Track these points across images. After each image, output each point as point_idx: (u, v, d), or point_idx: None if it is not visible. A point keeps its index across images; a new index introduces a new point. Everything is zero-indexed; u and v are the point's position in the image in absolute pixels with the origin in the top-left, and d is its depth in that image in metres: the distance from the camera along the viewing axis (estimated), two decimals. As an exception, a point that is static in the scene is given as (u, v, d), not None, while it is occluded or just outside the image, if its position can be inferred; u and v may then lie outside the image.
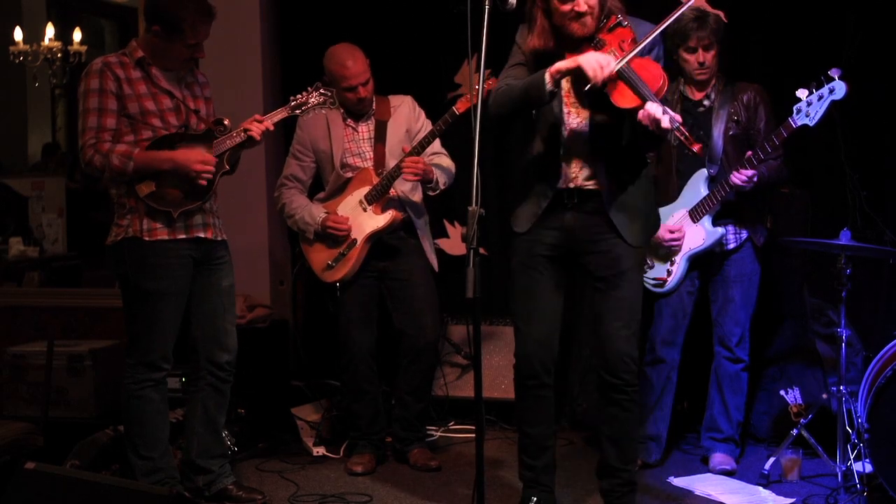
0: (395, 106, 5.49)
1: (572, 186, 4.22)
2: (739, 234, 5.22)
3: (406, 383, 5.53)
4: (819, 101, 4.74)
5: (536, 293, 4.32)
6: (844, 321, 4.92)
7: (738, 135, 5.15)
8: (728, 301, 5.25)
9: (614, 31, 4.08)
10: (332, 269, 5.41)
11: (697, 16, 5.15)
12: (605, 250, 4.25)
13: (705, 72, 5.17)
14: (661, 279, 5.26)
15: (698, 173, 5.16)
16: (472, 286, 3.45)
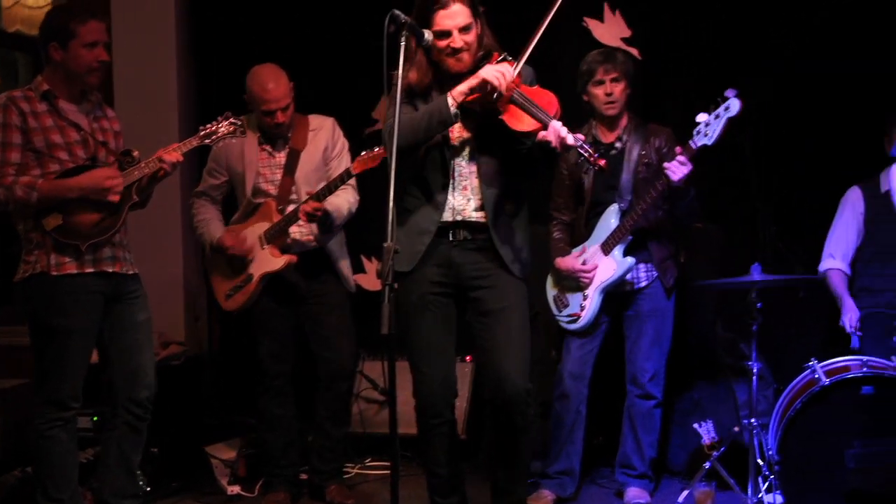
0: (313, 129, 5.44)
1: (459, 219, 4.22)
2: (650, 273, 5.27)
3: (325, 409, 5.48)
4: (716, 121, 4.82)
5: (431, 334, 4.30)
6: (755, 354, 4.99)
7: (649, 178, 5.20)
8: (640, 337, 5.29)
9: (500, 65, 4.12)
10: (231, 297, 5.39)
11: (604, 51, 5.22)
12: (492, 285, 4.24)
13: (613, 105, 5.22)
14: (574, 315, 5.28)
15: (609, 208, 5.22)
16: (386, 323, 3.45)
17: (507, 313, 4.25)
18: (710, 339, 5.84)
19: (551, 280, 5.43)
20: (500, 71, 3.98)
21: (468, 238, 4.24)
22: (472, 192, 4.21)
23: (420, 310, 4.28)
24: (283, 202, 5.36)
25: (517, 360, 4.25)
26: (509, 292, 4.25)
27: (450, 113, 4.02)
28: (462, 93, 4.02)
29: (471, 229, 4.23)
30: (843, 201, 5.57)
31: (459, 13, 4.05)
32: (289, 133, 5.39)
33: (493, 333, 4.27)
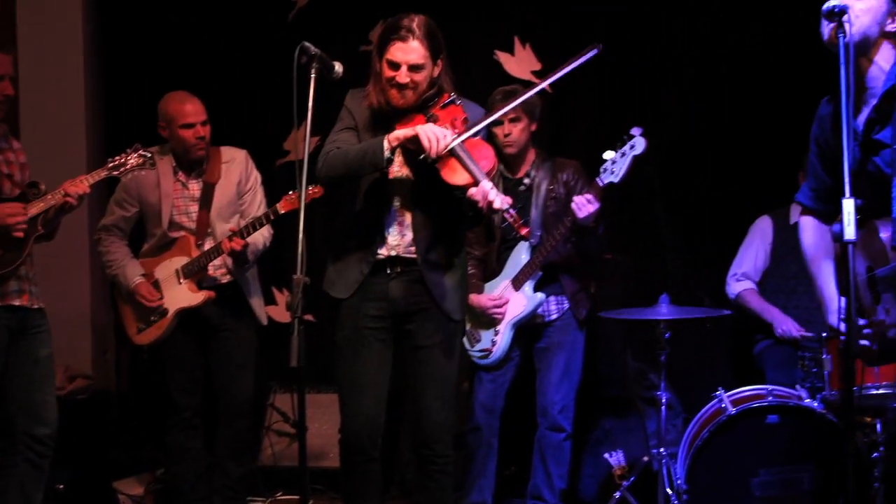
0: (226, 161, 5.40)
1: (394, 255, 4.21)
2: (561, 305, 5.31)
3: (225, 447, 5.40)
4: (622, 158, 4.87)
5: (362, 367, 4.25)
6: (664, 384, 5.05)
7: (558, 212, 5.24)
8: (550, 370, 5.31)
9: (447, 108, 4.12)
10: (143, 332, 5.31)
11: (505, 90, 5.26)
12: (424, 321, 4.23)
13: (511, 144, 5.25)
14: (486, 350, 5.29)
15: (520, 244, 5.25)
16: (295, 355, 3.44)
17: (434, 350, 4.22)
18: (620, 369, 5.89)
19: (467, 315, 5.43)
20: (437, 135, 3.94)
21: (404, 272, 4.22)
22: (408, 229, 4.20)
23: (353, 343, 4.24)
24: (202, 236, 5.31)
25: (439, 398, 4.23)
26: (440, 328, 4.23)
27: (382, 157, 3.99)
28: (397, 139, 4.00)
29: (406, 265, 4.21)
30: (752, 229, 5.68)
31: (414, 51, 4.02)
32: (203, 164, 5.35)
33: (418, 369, 4.25)
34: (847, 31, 3.14)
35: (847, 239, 2.93)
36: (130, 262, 5.37)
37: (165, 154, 5.31)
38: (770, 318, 5.47)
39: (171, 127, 5.22)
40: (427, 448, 4.26)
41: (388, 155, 4.01)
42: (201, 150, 5.29)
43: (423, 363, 4.24)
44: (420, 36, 4.02)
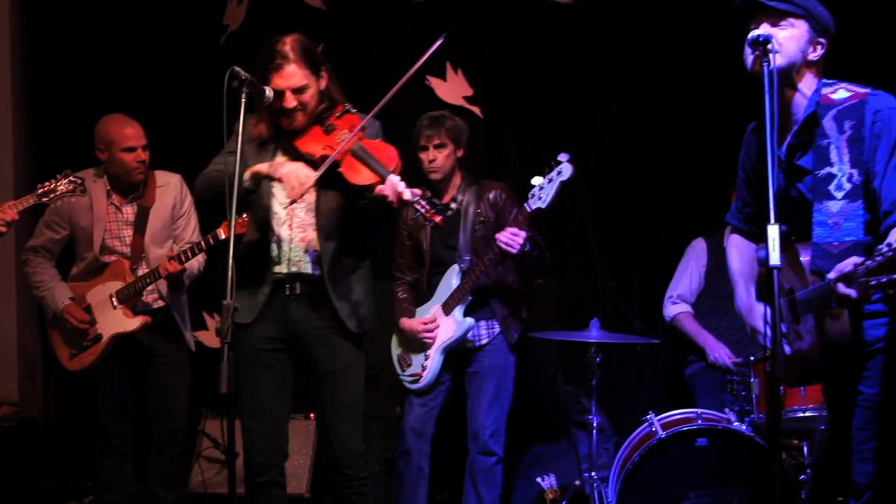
0: (160, 185, 5.35)
1: (294, 271, 4.16)
2: (492, 330, 5.31)
3: (156, 473, 5.33)
4: (549, 184, 4.89)
5: (261, 390, 4.19)
6: (595, 408, 5.08)
7: (486, 235, 5.24)
8: (481, 395, 5.29)
9: (343, 118, 4.13)
10: (76, 357, 5.23)
11: (431, 116, 5.28)
12: (327, 345, 4.19)
13: (436, 170, 5.25)
14: (417, 375, 5.28)
15: (450, 269, 5.25)
16: (225, 382, 3.41)
17: (340, 375, 4.20)
18: (552, 393, 5.91)
19: (396, 339, 5.43)
20: (300, 179, 3.93)
21: (305, 292, 4.18)
22: (310, 244, 4.16)
23: (252, 365, 4.16)
24: (136, 261, 5.25)
25: (349, 423, 4.21)
26: (344, 352, 4.20)
27: (243, 185, 3.95)
28: (259, 173, 4.01)
29: (307, 282, 4.17)
30: (687, 251, 5.74)
31: (294, 74, 4.02)
32: (139, 188, 5.30)
33: (326, 395, 4.21)
34: (771, 59, 3.19)
35: (772, 264, 2.98)
36: (59, 285, 5.29)
37: (100, 177, 5.26)
38: (703, 344, 5.53)
39: (111, 150, 5.16)
40: (340, 473, 4.22)
41: (248, 185, 4.00)
42: (141, 174, 5.25)
43: (329, 389, 4.20)
44: (295, 58, 4.01)
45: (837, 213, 3.25)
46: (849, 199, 3.25)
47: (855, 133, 3.28)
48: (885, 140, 3.25)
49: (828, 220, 3.25)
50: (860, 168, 3.26)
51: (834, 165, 3.28)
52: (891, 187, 3.23)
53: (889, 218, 3.22)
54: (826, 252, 3.23)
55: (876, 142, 3.26)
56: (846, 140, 3.28)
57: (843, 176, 3.27)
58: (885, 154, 3.25)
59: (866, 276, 2.95)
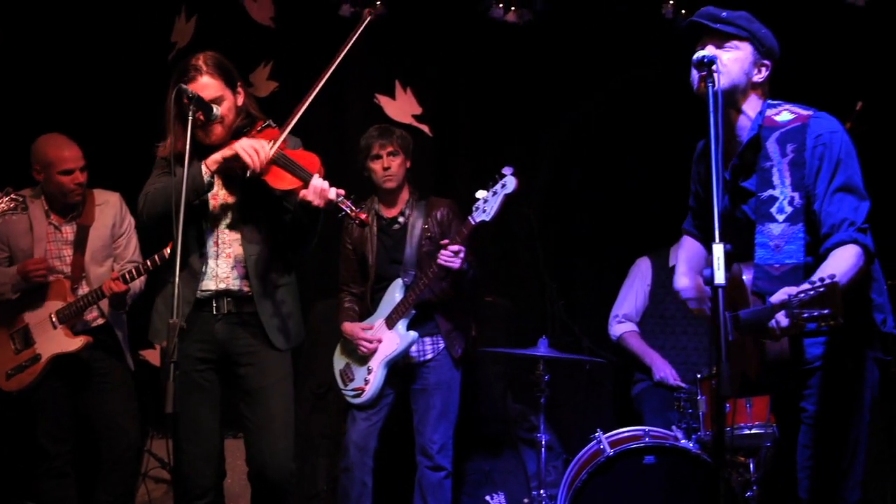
0: (99, 204, 5.30)
1: (222, 288, 4.12)
2: (437, 345, 5.31)
3: (106, 493, 5.26)
4: (494, 197, 4.90)
5: (194, 411, 4.13)
6: (544, 426, 5.09)
7: (432, 251, 5.24)
8: (428, 410, 5.28)
9: (264, 132, 4.11)
10: (13, 377, 5.15)
11: (381, 126, 5.30)
12: (256, 362, 4.15)
13: (391, 178, 5.26)
14: (359, 389, 5.24)
15: (394, 283, 5.24)
16: (170, 401, 3.38)
17: (270, 392, 4.15)
18: (500, 410, 5.91)
19: (339, 352, 5.39)
20: (255, 147, 3.93)
21: (232, 311, 4.14)
22: (237, 260, 4.13)
23: (185, 386, 4.02)
24: (76, 281, 5.20)
25: (280, 443, 4.16)
26: (273, 369, 4.16)
27: (203, 181, 3.95)
28: (216, 161, 3.96)
29: (235, 298, 4.13)
30: (632, 270, 5.77)
31: (208, 86, 3.99)
32: (79, 205, 5.25)
33: (255, 414, 4.16)
34: (716, 80, 3.23)
35: (717, 283, 3.00)
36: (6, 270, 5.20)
37: (38, 197, 5.20)
38: (650, 362, 5.56)
39: (48, 172, 5.10)
40: (270, 496, 4.19)
41: (209, 178, 3.97)
42: (78, 195, 5.20)
43: (258, 408, 4.14)
44: (209, 70, 3.99)
45: (779, 236, 3.29)
46: (790, 221, 3.29)
47: (797, 157, 3.32)
48: (826, 164, 3.30)
49: (769, 242, 3.29)
50: (802, 191, 3.30)
51: (776, 188, 3.32)
52: (830, 211, 3.28)
53: (828, 240, 3.27)
54: (767, 274, 3.27)
55: (817, 165, 3.30)
56: (788, 163, 3.33)
57: (784, 199, 3.31)
58: (825, 178, 3.30)
59: (799, 309, 3.00)
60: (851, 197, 3.29)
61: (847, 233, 3.24)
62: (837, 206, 3.27)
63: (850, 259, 3.18)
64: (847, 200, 3.28)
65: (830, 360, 3.34)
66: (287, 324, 4.19)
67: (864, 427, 3.36)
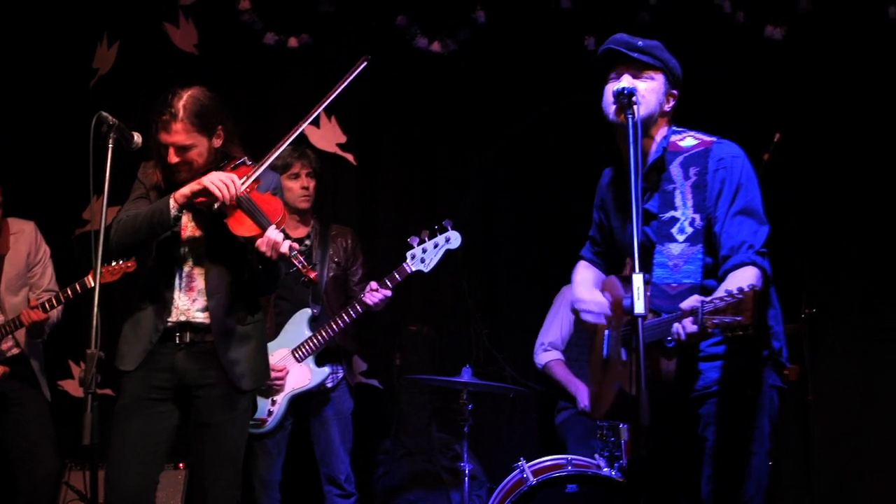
0: (14, 233, 5.24)
1: (183, 320, 4.07)
2: (336, 375, 5.28)
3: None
4: (435, 249, 4.93)
5: (134, 439, 4.03)
6: (467, 455, 5.08)
7: (339, 276, 5.29)
8: (331, 440, 5.25)
9: (237, 170, 4.09)
10: None
11: (298, 147, 5.30)
12: (212, 395, 4.08)
13: (308, 198, 5.28)
14: (261, 420, 5.15)
15: (301, 312, 5.21)
16: (88, 433, 3.32)
17: (221, 429, 4.07)
18: (425, 440, 5.90)
19: None
20: (224, 181, 3.90)
21: (194, 341, 4.07)
22: (199, 294, 4.08)
23: (130, 413, 4.02)
24: None
25: (227, 477, 4.09)
26: (228, 405, 4.08)
27: (170, 216, 3.91)
28: (184, 195, 3.92)
29: (196, 331, 4.08)
30: (557, 298, 5.80)
31: (178, 133, 3.94)
32: None
33: (204, 447, 4.08)
34: (636, 111, 3.27)
35: (637, 313, 3.02)
36: None
37: None
38: (574, 391, 5.58)
39: None
40: None
41: (175, 213, 3.92)
42: None
43: (209, 441, 4.07)
44: (184, 117, 3.94)
45: (678, 256, 3.34)
46: (690, 242, 3.34)
47: (699, 179, 3.38)
48: (727, 187, 3.36)
49: (668, 262, 3.33)
50: (703, 213, 3.36)
51: (678, 210, 3.38)
52: (730, 233, 3.32)
53: (727, 262, 3.31)
54: (664, 292, 3.31)
55: (718, 188, 3.36)
56: (691, 186, 3.38)
57: (685, 220, 3.37)
58: (726, 200, 3.35)
59: (710, 315, 3.02)
60: (751, 220, 3.34)
61: (746, 255, 3.29)
62: (737, 228, 3.32)
63: (751, 280, 3.20)
64: (747, 224, 3.33)
65: (729, 387, 3.37)
66: (247, 364, 4.11)
67: (766, 456, 3.39)
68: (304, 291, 5.23)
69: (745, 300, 2.99)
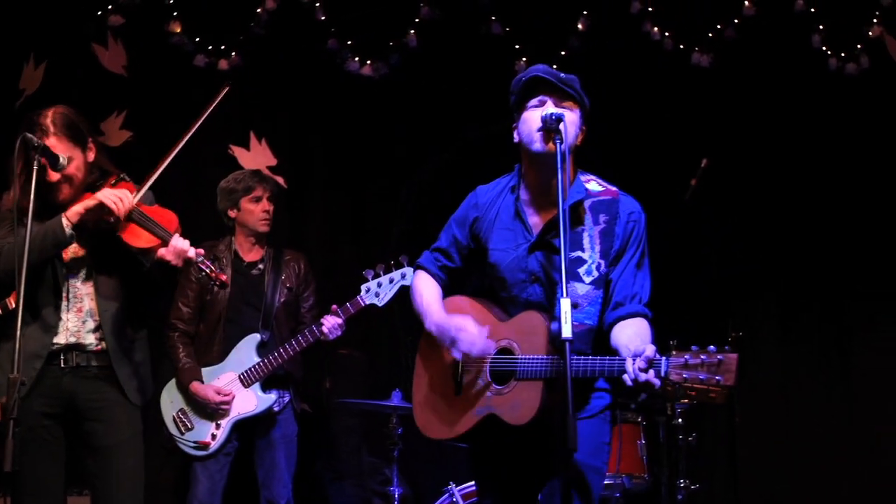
0: None
1: (73, 342, 3.99)
2: (283, 398, 5.25)
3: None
4: (390, 284, 4.95)
5: (36, 469, 3.94)
6: (397, 479, 5.08)
7: (290, 301, 5.28)
8: (275, 464, 5.22)
9: (118, 185, 4.04)
10: None
11: (261, 173, 5.32)
12: (106, 418, 4.01)
13: (267, 221, 5.28)
14: (204, 443, 5.12)
15: (249, 337, 5.19)
16: (9, 459, 3.26)
17: (119, 450, 4.01)
18: (354, 464, 5.88)
19: (173, 392, 5.23)
20: (119, 196, 3.86)
21: (82, 364, 4.00)
22: (89, 314, 4.01)
23: (28, 442, 3.85)
24: None
25: (131, 498, 4.02)
26: (124, 425, 4.03)
27: (65, 234, 3.85)
28: (77, 213, 3.86)
29: (86, 353, 4.00)
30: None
31: (54, 148, 3.87)
32: None
33: (104, 471, 4.01)
34: (563, 138, 3.26)
35: (564, 337, 3.03)
36: None
37: None
38: None
39: None
40: None
41: (70, 231, 3.86)
42: None
43: (109, 463, 3.99)
44: (56, 131, 3.90)
45: (582, 296, 3.36)
46: (594, 285, 3.38)
47: (608, 227, 3.42)
48: (633, 239, 3.42)
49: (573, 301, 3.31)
50: (606, 260, 3.40)
51: (585, 251, 3.40)
52: (627, 282, 3.39)
53: (620, 309, 3.37)
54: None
55: (625, 238, 3.41)
56: (599, 232, 3.41)
57: (592, 263, 3.39)
58: (630, 252, 3.41)
59: (679, 368, 3.05)
60: (645, 275, 3.44)
61: (639, 306, 3.37)
62: (633, 279, 3.40)
63: (649, 333, 3.29)
64: (641, 277, 3.42)
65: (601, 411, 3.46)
66: (141, 378, 4.09)
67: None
68: (254, 316, 5.22)
69: (727, 362, 3.03)
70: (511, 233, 3.50)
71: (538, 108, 3.40)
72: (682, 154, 5.72)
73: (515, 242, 3.48)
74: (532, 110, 3.41)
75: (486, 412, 3.38)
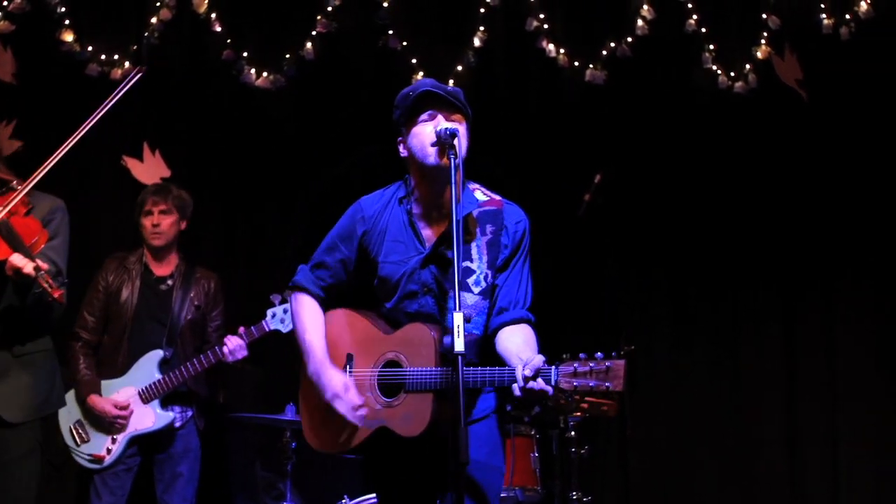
0: None
1: None
2: (185, 414, 5.22)
3: None
4: None
5: None
6: (290, 493, 5.06)
7: (197, 319, 5.25)
8: (175, 478, 5.18)
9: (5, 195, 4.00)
10: None
11: (159, 185, 5.29)
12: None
13: (158, 235, 5.22)
14: (99, 456, 5.06)
15: (153, 353, 5.13)
16: None
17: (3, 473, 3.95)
18: (248, 478, 5.84)
19: (72, 407, 5.12)
20: None
21: None
22: None
23: None
24: None
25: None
26: (5, 447, 3.94)
27: None
28: None
29: None
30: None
31: None
32: None
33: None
34: (458, 152, 3.29)
35: (457, 351, 3.05)
36: None
37: None
38: None
39: None
40: None
41: None
42: None
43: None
44: None
45: (471, 307, 3.40)
46: (482, 296, 3.42)
47: (494, 238, 3.45)
48: (520, 247, 3.48)
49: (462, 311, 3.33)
50: (493, 270, 3.44)
51: (474, 262, 3.43)
52: (512, 288, 3.44)
53: (504, 314, 3.42)
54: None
55: (512, 247, 3.46)
56: (486, 243, 3.45)
57: (480, 273, 3.43)
58: (516, 260, 3.47)
59: (569, 377, 3.09)
60: (528, 282, 3.49)
61: (522, 311, 3.44)
62: (517, 286, 3.45)
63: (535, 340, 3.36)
64: (524, 284, 3.47)
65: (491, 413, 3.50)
66: (25, 395, 3.97)
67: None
68: (158, 332, 5.17)
69: (615, 368, 3.09)
70: (402, 245, 3.51)
71: (429, 121, 3.41)
72: (579, 168, 5.81)
73: (407, 255, 3.48)
74: (423, 124, 3.42)
75: (377, 424, 3.39)
